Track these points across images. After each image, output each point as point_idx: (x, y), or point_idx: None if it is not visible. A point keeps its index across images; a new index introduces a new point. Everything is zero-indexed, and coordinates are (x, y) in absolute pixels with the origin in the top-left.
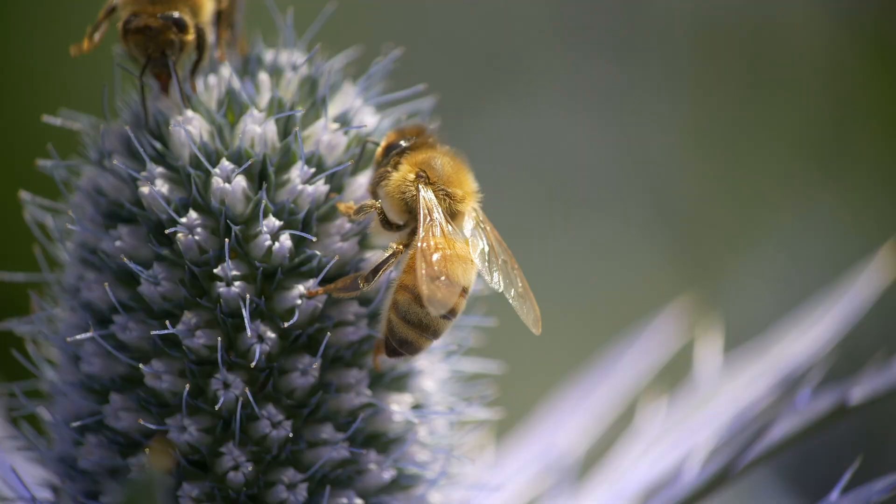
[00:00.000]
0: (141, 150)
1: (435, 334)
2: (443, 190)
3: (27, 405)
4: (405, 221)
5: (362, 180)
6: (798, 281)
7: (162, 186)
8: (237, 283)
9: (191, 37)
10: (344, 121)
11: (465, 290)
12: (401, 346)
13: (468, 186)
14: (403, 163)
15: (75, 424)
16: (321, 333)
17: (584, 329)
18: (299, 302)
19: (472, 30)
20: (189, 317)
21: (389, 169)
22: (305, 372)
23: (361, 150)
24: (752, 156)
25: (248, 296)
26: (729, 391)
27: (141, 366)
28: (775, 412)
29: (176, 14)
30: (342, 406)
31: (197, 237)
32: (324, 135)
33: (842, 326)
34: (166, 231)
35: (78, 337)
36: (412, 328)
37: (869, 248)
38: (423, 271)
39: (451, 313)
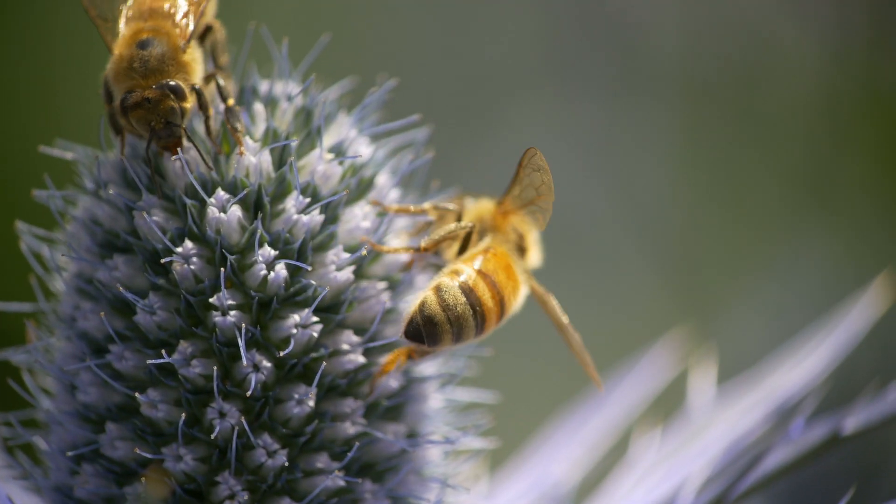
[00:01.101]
0: (137, 179)
1: (458, 335)
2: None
3: (23, 434)
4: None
5: (357, 211)
6: (792, 312)
7: (157, 216)
8: (233, 313)
9: (189, 103)
10: (339, 151)
11: (504, 311)
12: (424, 325)
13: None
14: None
15: (71, 454)
16: (316, 363)
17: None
18: (295, 331)
19: (465, 66)
20: (185, 346)
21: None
22: (301, 401)
23: (358, 181)
24: (744, 187)
25: (243, 325)
26: (723, 421)
27: (137, 395)
28: (769, 442)
29: (172, 82)
30: (338, 435)
31: (192, 267)
32: (319, 165)
33: (836, 357)
34: (162, 261)
35: (74, 366)
36: (444, 312)
37: (862, 279)
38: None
39: (483, 327)
